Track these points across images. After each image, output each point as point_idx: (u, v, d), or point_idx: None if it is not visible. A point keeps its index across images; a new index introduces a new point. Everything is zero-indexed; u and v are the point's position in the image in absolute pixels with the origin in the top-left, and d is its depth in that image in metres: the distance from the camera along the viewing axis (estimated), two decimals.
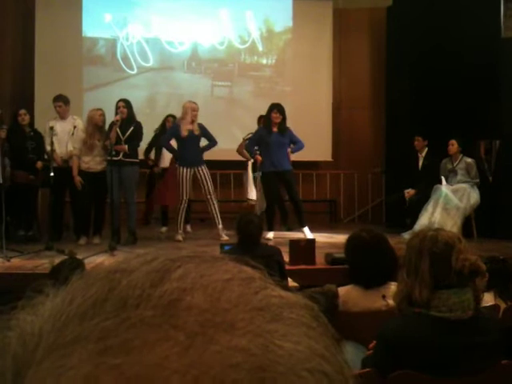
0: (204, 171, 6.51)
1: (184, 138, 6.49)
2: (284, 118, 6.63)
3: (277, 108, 6.63)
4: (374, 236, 2.86)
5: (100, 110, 6.52)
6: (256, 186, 7.00)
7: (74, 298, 0.33)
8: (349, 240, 2.94)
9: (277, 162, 6.55)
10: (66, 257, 4.31)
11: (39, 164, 6.60)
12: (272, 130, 6.59)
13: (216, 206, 6.55)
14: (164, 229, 7.24)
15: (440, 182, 7.00)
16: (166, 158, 7.10)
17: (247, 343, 0.30)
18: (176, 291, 0.32)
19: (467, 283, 1.93)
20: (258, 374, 0.29)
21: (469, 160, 7.03)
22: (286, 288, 0.36)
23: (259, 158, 6.60)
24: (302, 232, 6.61)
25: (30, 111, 7.16)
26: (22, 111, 6.71)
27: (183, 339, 0.30)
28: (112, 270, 0.35)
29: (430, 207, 6.78)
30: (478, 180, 6.96)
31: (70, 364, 0.30)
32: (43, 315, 0.33)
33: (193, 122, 6.50)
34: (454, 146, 7.02)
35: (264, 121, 6.83)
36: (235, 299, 0.32)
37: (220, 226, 6.51)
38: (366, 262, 2.72)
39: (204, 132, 6.57)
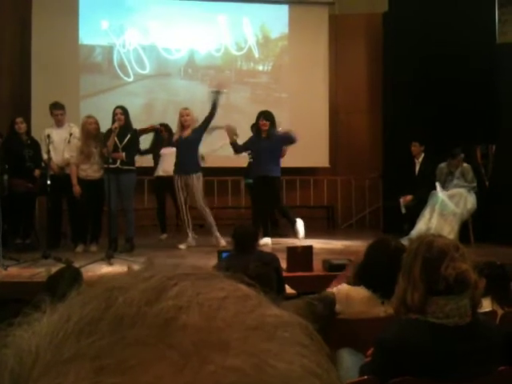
0: (194, 181, 6.37)
1: (175, 144, 6.51)
2: (272, 125, 6.67)
3: (263, 115, 6.73)
4: (400, 249, 2.86)
5: (92, 117, 6.45)
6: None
7: (71, 315, 0.33)
8: (375, 242, 2.95)
9: (264, 168, 6.59)
10: (63, 265, 4.30)
11: (37, 172, 6.59)
12: (261, 137, 6.67)
13: (208, 214, 6.45)
14: (164, 236, 7.24)
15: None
16: (165, 165, 7.07)
17: (241, 363, 0.30)
18: (172, 309, 0.32)
19: (461, 291, 1.94)
20: None
21: (465, 165, 7.05)
22: (277, 301, 0.36)
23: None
24: (295, 230, 6.57)
25: (27, 119, 7.16)
26: (19, 119, 6.71)
27: (178, 359, 0.30)
28: (109, 287, 0.35)
29: (426, 213, 6.78)
30: (474, 184, 6.97)
31: (67, 382, 0.30)
32: (40, 332, 0.33)
33: (183, 127, 6.45)
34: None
35: (254, 129, 6.90)
36: (230, 318, 0.33)
37: (216, 234, 6.45)
38: (384, 269, 2.69)
39: (197, 132, 6.40)
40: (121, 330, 0.31)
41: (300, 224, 6.61)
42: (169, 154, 6.98)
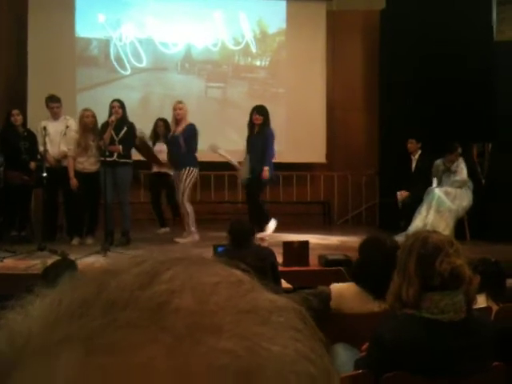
0: (181, 174, 6.31)
1: (169, 139, 6.55)
2: (265, 120, 6.63)
3: (256, 110, 6.70)
4: (395, 247, 2.87)
5: (89, 110, 6.44)
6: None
7: (63, 298, 0.33)
8: (369, 240, 2.95)
9: (255, 163, 6.62)
10: (58, 257, 4.30)
11: (33, 164, 6.56)
12: (253, 132, 6.67)
13: (186, 212, 6.39)
14: (163, 230, 7.22)
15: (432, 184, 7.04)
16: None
17: (233, 346, 0.30)
18: (165, 293, 0.32)
19: (456, 286, 1.94)
20: (243, 376, 0.30)
21: (460, 159, 7.06)
22: (275, 291, 0.36)
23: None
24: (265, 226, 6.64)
25: (23, 111, 7.13)
26: (15, 111, 6.68)
27: (170, 341, 0.30)
28: (101, 271, 0.35)
29: (423, 210, 6.80)
30: (463, 176, 6.93)
31: (58, 364, 0.30)
32: (32, 315, 0.33)
33: (176, 121, 6.41)
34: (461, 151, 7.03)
35: (248, 123, 6.84)
36: (223, 302, 0.32)
37: (192, 229, 6.39)
38: (378, 267, 2.69)
39: (186, 135, 6.32)
40: (113, 312, 0.31)
41: (272, 223, 6.68)
42: (159, 151, 6.99)
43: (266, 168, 6.58)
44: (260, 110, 6.68)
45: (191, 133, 6.36)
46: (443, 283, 1.94)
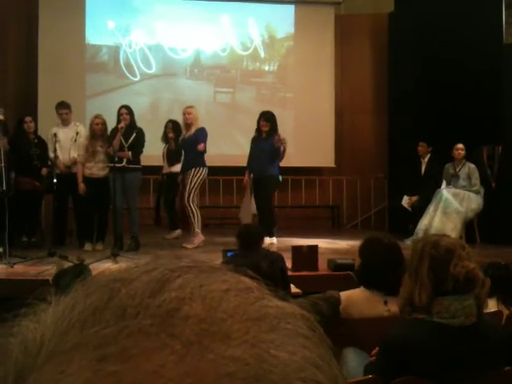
0: (188, 174, 6.38)
1: (180, 143, 6.65)
2: (273, 126, 6.64)
3: (264, 116, 6.71)
4: (394, 244, 2.88)
5: (99, 117, 6.47)
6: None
7: (75, 305, 0.34)
8: (367, 241, 2.95)
9: (256, 168, 6.64)
10: (68, 263, 4.32)
11: (44, 171, 6.61)
12: (261, 138, 6.68)
13: (192, 214, 6.39)
14: (177, 232, 7.20)
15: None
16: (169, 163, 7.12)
17: (242, 353, 0.31)
18: (174, 301, 0.33)
19: (465, 290, 1.93)
20: (251, 383, 0.30)
21: (471, 166, 7.03)
22: (284, 298, 0.36)
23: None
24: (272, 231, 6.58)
25: (33, 118, 7.19)
26: (28, 118, 6.74)
27: (179, 348, 0.31)
28: (112, 278, 0.36)
29: (431, 209, 6.79)
30: (476, 188, 6.93)
31: (70, 370, 0.30)
32: (45, 322, 0.34)
33: (187, 125, 6.50)
34: (463, 151, 7.00)
35: (256, 128, 6.87)
36: (232, 309, 0.33)
37: (196, 230, 6.40)
38: (381, 266, 2.71)
39: (196, 138, 6.37)
40: (124, 319, 0.32)
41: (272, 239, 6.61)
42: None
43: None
44: (267, 117, 6.68)
45: (201, 135, 6.42)
46: (456, 287, 1.93)
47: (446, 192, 6.84)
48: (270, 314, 0.34)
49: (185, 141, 6.52)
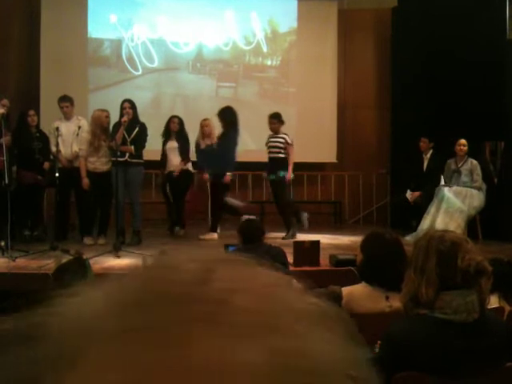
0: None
1: (204, 149, 6.95)
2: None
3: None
4: (396, 239, 2.87)
5: (105, 111, 6.51)
6: None
7: (128, 290, 0.34)
8: (369, 237, 2.94)
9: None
10: (70, 257, 4.33)
11: (46, 164, 6.62)
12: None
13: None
14: (182, 231, 7.18)
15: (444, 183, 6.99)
16: (175, 160, 7.03)
17: (292, 345, 0.31)
18: (224, 291, 0.33)
19: (473, 284, 1.92)
20: (297, 376, 0.30)
21: (474, 162, 7.00)
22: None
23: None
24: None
25: (36, 111, 7.17)
26: (31, 112, 6.74)
27: (228, 338, 0.31)
28: (159, 265, 0.37)
29: (432, 210, 6.76)
30: (478, 184, 6.90)
31: (124, 353, 0.30)
32: (97, 303, 0.34)
33: (205, 135, 6.91)
34: (465, 147, 6.98)
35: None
36: (279, 303, 0.34)
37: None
38: (383, 262, 2.70)
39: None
40: (173, 306, 0.32)
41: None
42: (173, 149, 6.97)
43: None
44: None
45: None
46: (465, 280, 1.92)
47: (447, 191, 6.81)
48: (313, 310, 0.35)
49: (212, 148, 6.81)
